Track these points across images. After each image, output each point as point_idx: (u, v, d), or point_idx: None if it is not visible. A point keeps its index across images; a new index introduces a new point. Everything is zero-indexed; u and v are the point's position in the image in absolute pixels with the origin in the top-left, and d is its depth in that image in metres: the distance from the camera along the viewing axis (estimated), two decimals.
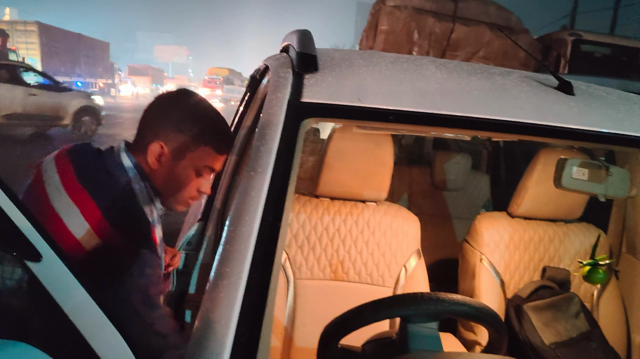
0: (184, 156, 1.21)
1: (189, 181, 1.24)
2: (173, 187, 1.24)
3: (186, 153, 1.21)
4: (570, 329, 1.84)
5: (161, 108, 1.24)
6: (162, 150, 1.20)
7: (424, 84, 1.24)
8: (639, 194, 2.00)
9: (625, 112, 1.26)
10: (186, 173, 1.23)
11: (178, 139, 1.20)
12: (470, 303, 1.06)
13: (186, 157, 1.21)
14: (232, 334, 0.75)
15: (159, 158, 1.20)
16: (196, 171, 1.24)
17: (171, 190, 1.24)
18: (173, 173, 1.22)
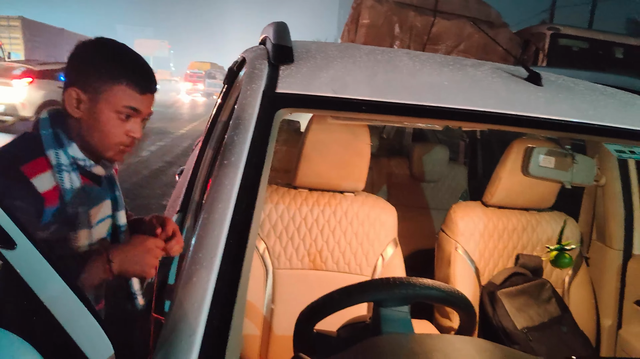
0: (101, 98, 1.18)
1: (113, 125, 1.20)
2: (98, 133, 1.20)
3: (102, 94, 1.17)
4: (542, 314, 1.89)
5: (75, 55, 1.21)
6: (78, 95, 1.17)
7: (396, 75, 1.27)
8: (608, 183, 2.06)
9: (591, 102, 1.30)
10: (107, 117, 1.19)
11: (92, 82, 1.17)
12: (440, 287, 1.09)
13: (104, 99, 1.18)
14: (205, 316, 0.77)
15: (78, 104, 1.18)
16: (117, 113, 1.19)
17: (97, 136, 1.21)
18: (94, 117, 1.19)
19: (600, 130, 1.17)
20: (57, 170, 1.17)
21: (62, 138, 1.19)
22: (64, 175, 1.18)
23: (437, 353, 0.90)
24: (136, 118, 1.23)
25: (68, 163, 1.19)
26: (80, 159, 1.22)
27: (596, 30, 9.47)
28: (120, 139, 1.22)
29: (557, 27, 7.77)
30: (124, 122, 1.21)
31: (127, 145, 1.25)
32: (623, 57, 7.78)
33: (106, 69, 1.17)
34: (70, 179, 1.19)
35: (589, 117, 1.19)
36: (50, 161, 1.17)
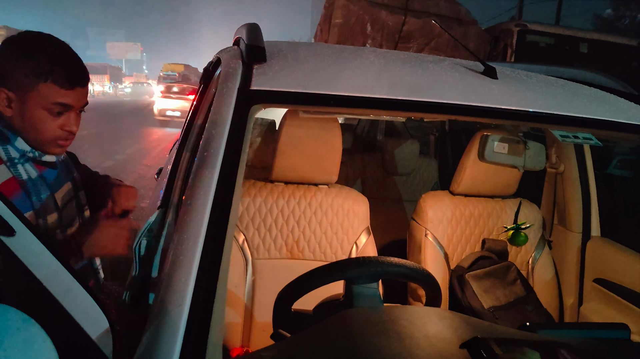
0: (29, 97, 1.17)
1: (46, 122, 1.20)
2: (32, 130, 1.21)
3: (30, 93, 1.17)
4: (508, 295, 2.01)
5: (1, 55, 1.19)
6: (7, 95, 1.17)
7: (362, 71, 1.36)
8: (566, 170, 2.20)
9: (541, 92, 1.42)
10: (37, 115, 1.19)
11: (18, 80, 1.16)
12: (406, 264, 1.19)
13: (32, 97, 1.17)
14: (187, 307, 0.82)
15: (9, 103, 1.18)
16: (48, 110, 1.19)
17: (32, 133, 1.21)
18: (25, 116, 1.19)
19: (547, 117, 1.28)
20: (10, 165, 1.19)
21: (7, 133, 1.20)
22: (19, 167, 1.20)
23: (402, 320, 1.00)
24: (69, 113, 1.23)
25: (19, 156, 1.21)
26: (29, 151, 1.23)
27: (562, 26, 9.74)
28: (55, 134, 1.23)
29: (524, 23, 7.97)
30: (57, 117, 1.21)
31: (64, 138, 1.26)
32: (587, 52, 8.04)
33: (30, 67, 1.15)
34: (26, 170, 1.21)
35: (538, 106, 1.30)
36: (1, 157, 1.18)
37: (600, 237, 2.19)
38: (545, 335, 1.03)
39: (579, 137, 1.25)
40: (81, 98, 1.25)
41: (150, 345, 0.83)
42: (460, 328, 0.99)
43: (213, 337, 0.82)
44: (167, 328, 0.82)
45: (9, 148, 1.20)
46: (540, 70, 1.97)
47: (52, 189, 1.29)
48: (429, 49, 4.38)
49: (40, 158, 1.26)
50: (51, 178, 1.30)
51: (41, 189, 1.25)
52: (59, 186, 1.33)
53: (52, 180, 1.30)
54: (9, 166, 1.19)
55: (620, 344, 1.08)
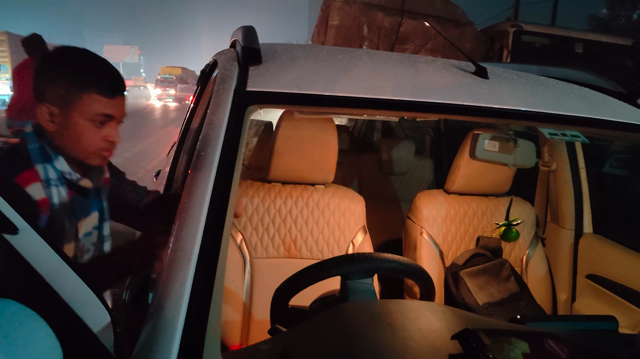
0: (72, 110, 1.19)
1: (89, 134, 1.22)
2: (76, 143, 1.22)
3: (73, 106, 1.19)
4: (502, 291, 2.04)
5: (39, 70, 1.22)
6: (50, 110, 1.19)
7: (355, 73, 1.39)
8: (558, 168, 2.23)
9: (530, 92, 1.45)
10: (82, 126, 1.21)
11: (61, 95, 1.18)
12: (399, 260, 1.22)
13: (75, 110, 1.19)
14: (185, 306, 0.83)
15: (51, 119, 1.20)
16: (92, 121, 1.22)
17: (76, 147, 1.23)
18: (69, 129, 1.20)
19: (536, 116, 1.31)
20: (45, 184, 1.20)
21: (49, 152, 1.22)
22: (52, 189, 1.21)
23: (395, 314, 1.03)
24: (111, 123, 1.26)
25: (56, 177, 1.22)
26: (67, 173, 1.24)
27: (557, 27, 9.79)
28: (99, 145, 1.25)
29: (519, 24, 8.02)
30: (100, 128, 1.23)
31: (107, 149, 1.28)
32: (582, 52, 8.09)
33: (73, 80, 1.18)
34: (58, 193, 1.22)
35: (528, 105, 1.33)
36: (39, 174, 1.19)
37: (592, 234, 2.22)
38: (534, 327, 1.06)
39: (567, 135, 1.28)
40: (121, 108, 1.28)
41: (149, 340, 0.85)
42: (451, 321, 1.02)
43: (210, 334, 0.85)
44: (166, 324, 0.84)
45: (49, 168, 1.21)
46: (532, 70, 2.00)
47: (77, 217, 1.29)
48: (426, 50, 4.41)
49: (76, 182, 1.27)
50: (79, 206, 1.30)
51: (66, 216, 1.25)
52: (85, 215, 1.33)
53: (80, 207, 1.30)
54: (44, 186, 1.20)
55: (608, 336, 1.11)
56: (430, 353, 0.90)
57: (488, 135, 1.53)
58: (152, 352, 0.82)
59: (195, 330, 0.84)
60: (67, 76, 1.19)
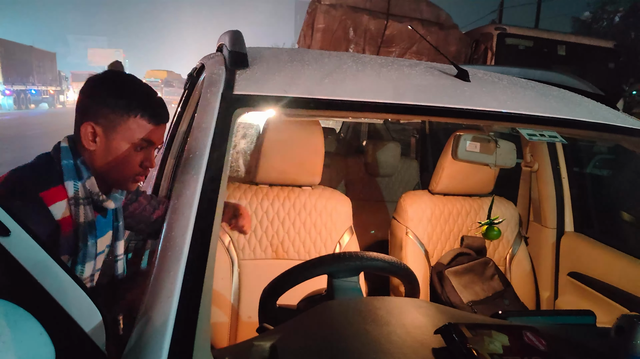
0: (116, 131, 1.21)
1: (129, 157, 1.24)
2: (114, 165, 1.24)
3: (117, 127, 1.21)
4: (486, 290, 2.09)
5: (88, 91, 1.25)
6: (94, 129, 1.21)
7: (340, 76, 1.42)
8: (540, 169, 2.28)
9: (510, 94, 1.49)
10: (123, 149, 1.23)
11: (107, 115, 1.21)
12: (384, 258, 1.25)
13: (119, 132, 1.22)
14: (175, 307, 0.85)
15: (93, 138, 1.21)
16: (134, 145, 1.24)
17: (113, 168, 1.25)
18: (110, 150, 1.23)
19: (516, 117, 1.35)
20: (73, 203, 1.20)
21: (82, 170, 1.23)
22: (80, 208, 1.22)
23: (380, 310, 1.06)
24: (150, 149, 1.29)
25: (84, 197, 1.23)
26: (95, 193, 1.25)
27: (540, 29, 9.93)
28: (135, 170, 1.27)
29: (503, 26, 8.12)
30: (139, 153, 1.26)
31: (140, 174, 1.30)
32: (565, 54, 8.22)
33: (121, 104, 1.22)
34: (85, 213, 1.23)
35: (507, 107, 1.37)
36: (67, 191, 1.20)
37: (573, 232, 2.27)
38: (514, 321, 1.10)
39: (546, 136, 1.32)
40: (162, 136, 1.32)
41: (140, 339, 0.87)
42: (434, 316, 1.06)
43: (200, 332, 0.87)
44: (156, 322, 0.86)
45: (79, 186, 1.22)
46: (514, 72, 2.05)
47: (95, 237, 1.30)
48: (411, 52, 4.45)
49: (100, 203, 1.28)
50: (99, 225, 1.32)
51: (89, 236, 1.25)
52: (101, 234, 1.34)
53: (99, 226, 1.31)
54: (71, 204, 1.20)
55: (585, 329, 1.15)
56: (414, 347, 0.93)
57: (469, 136, 1.57)
58: (144, 350, 0.84)
59: (186, 329, 0.85)
60: (117, 99, 1.22)
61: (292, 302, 1.35)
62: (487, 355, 0.86)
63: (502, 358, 0.87)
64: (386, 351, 0.91)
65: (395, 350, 0.92)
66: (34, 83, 30.47)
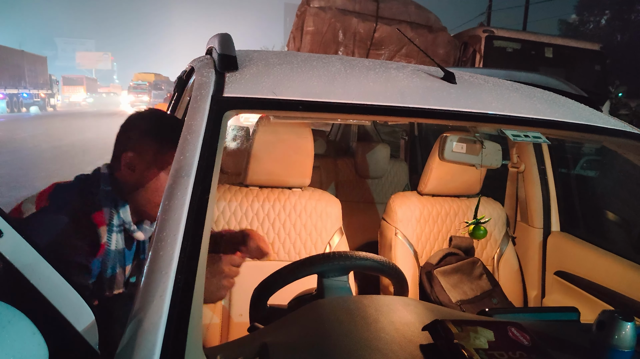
0: (155, 160, 1.29)
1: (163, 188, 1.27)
2: (150, 194, 1.30)
3: (157, 156, 1.29)
4: (474, 289, 2.12)
5: (130, 125, 1.34)
6: (133, 160, 1.28)
7: (329, 78, 1.44)
8: (526, 170, 2.32)
9: (495, 95, 1.52)
10: (161, 179, 1.30)
11: (147, 146, 1.29)
12: (373, 258, 1.28)
13: (158, 163, 1.29)
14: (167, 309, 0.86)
15: (132, 166, 1.28)
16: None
17: (149, 198, 1.30)
18: (147, 180, 1.29)
19: (501, 119, 1.38)
20: (107, 229, 1.25)
21: (118, 199, 1.28)
22: (112, 235, 1.27)
23: (369, 308, 1.08)
24: None
25: (118, 225, 1.28)
26: (127, 223, 1.30)
27: (528, 32, 10.03)
28: None
29: (491, 29, 8.21)
30: None
31: None
32: (552, 57, 8.33)
33: (164, 139, 1.29)
34: (116, 241, 1.28)
35: (493, 108, 1.40)
36: (105, 217, 1.25)
37: (559, 232, 2.31)
38: (500, 318, 1.13)
39: (530, 136, 1.35)
40: None
41: (132, 338, 0.88)
42: (422, 314, 1.08)
43: (192, 330, 0.88)
44: (149, 321, 0.86)
45: (114, 214, 1.27)
46: (500, 74, 2.08)
47: (123, 265, 1.34)
48: (400, 55, 4.48)
49: (131, 233, 1.32)
50: (127, 254, 1.36)
51: (117, 263, 1.30)
52: (124, 265, 1.37)
53: (127, 256, 1.36)
54: (106, 231, 1.25)
55: (569, 325, 1.18)
56: (402, 343, 0.95)
57: (456, 137, 1.60)
58: (136, 349, 0.85)
59: (178, 327, 0.87)
60: (159, 135, 1.30)
61: (283, 302, 1.37)
62: (472, 350, 0.89)
63: (487, 352, 0.89)
64: (374, 348, 0.93)
65: (383, 347, 0.94)
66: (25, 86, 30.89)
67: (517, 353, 0.90)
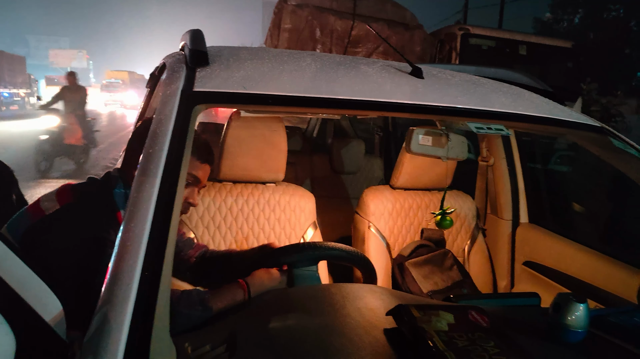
0: None
1: None
2: None
3: None
4: (445, 280, 2.16)
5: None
6: None
7: (299, 73, 1.47)
8: (495, 163, 2.37)
9: (461, 90, 1.56)
10: None
11: None
12: (341, 248, 1.31)
13: None
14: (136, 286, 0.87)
15: None
16: None
17: None
18: None
19: (465, 112, 1.42)
20: None
21: None
22: None
23: (336, 296, 1.11)
24: (194, 187, 1.37)
25: None
26: None
27: (502, 30, 10.18)
28: None
29: (467, 27, 8.32)
30: (184, 188, 1.33)
31: (183, 210, 1.37)
32: (526, 54, 8.48)
33: None
34: None
35: (458, 102, 1.44)
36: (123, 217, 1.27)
37: (528, 223, 2.37)
38: (464, 304, 1.17)
39: (492, 128, 1.40)
40: (206, 176, 1.40)
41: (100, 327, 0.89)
42: (387, 300, 1.11)
43: (159, 321, 0.89)
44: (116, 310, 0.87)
45: None
46: (469, 70, 2.13)
47: None
48: (378, 53, 4.51)
49: None
50: None
51: None
52: None
53: None
54: None
55: (530, 309, 1.23)
56: (367, 328, 0.99)
57: (422, 130, 1.64)
58: (103, 338, 0.86)
59: (145, 316, 0.88)
60: None
61: None
62: (433, 332, 0.92)
63: (447, 334, 0.93)
64: (340, 333, 0.96)
65: (348, 332, 0.97)
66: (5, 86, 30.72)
67: (475, 334, 0.94)
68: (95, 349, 0.81)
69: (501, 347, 0.90)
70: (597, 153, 1.67)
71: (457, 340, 0.91)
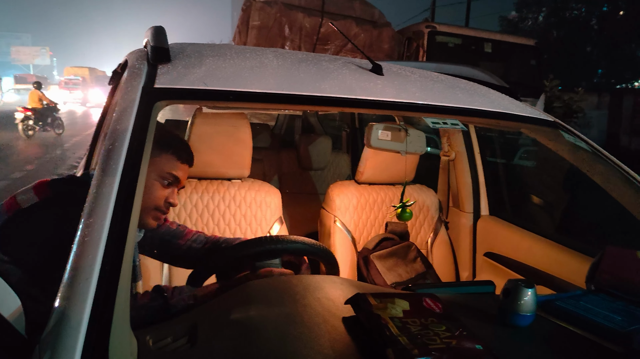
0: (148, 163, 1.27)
1: (155, 190, 1.33)
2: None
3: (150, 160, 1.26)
4: (409, 272, 2.22)
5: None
6: None
7: (260, 70, 1.48)
8: (457, 158, 2.44)
9: (420, 86, 1.60)
10: (151, 181, 1.31)
11: None
12: (303, 241, 1.33)
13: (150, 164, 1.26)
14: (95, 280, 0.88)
15: None
16: (161, 179, 1.33)
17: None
18: None
19: (422, 107, 1.46)
20: None
21: None
22: None
23: (297, 287, 1.13)
24: (174, 187, 1.37)
25: None
26: None
27: (469, 28, 10.36)
28: (159, 204, 1.34)
29: (434, 25, 8.45)
30: (164, 188, 1.34)
31: (162, 211, 1.36)
32: (491, 52, 8.68)
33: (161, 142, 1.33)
34: None
35: (415, 98, 1.48)
36: None
37: (488, 215, 2.45)
38: (420, 292, 1.21)
39: (447, 123, 1.44)
40: (186, 176, 1.40)
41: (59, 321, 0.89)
42: (347, 290, 1.15)
43: (119, 314, 0.89)
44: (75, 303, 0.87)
45: None
46: (430, 67, 2.18)
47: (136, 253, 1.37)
48: (346, 50, 4.55)
49: None
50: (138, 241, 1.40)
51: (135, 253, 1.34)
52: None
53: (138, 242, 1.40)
54: None
55: (484, 296, 1.28)
56: (326, 317, 1.02)
57: (381, 125, 1.69)
58: (62, 332, 0.87)
59: (104, 309, 0.89)
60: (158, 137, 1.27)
61: None
62: (388, 319, 0.96)
63: (402, 320, 0.96)
64: (299, 322, 0.99)
65: (308, 321, 1.00)
66: None
67: (428, 319, 0.98)
68: (53, 345, 0.82)
69: (452, 331, 0.94)
70: (551, 146, 1.74)
71: (411, 325, 0.95)
